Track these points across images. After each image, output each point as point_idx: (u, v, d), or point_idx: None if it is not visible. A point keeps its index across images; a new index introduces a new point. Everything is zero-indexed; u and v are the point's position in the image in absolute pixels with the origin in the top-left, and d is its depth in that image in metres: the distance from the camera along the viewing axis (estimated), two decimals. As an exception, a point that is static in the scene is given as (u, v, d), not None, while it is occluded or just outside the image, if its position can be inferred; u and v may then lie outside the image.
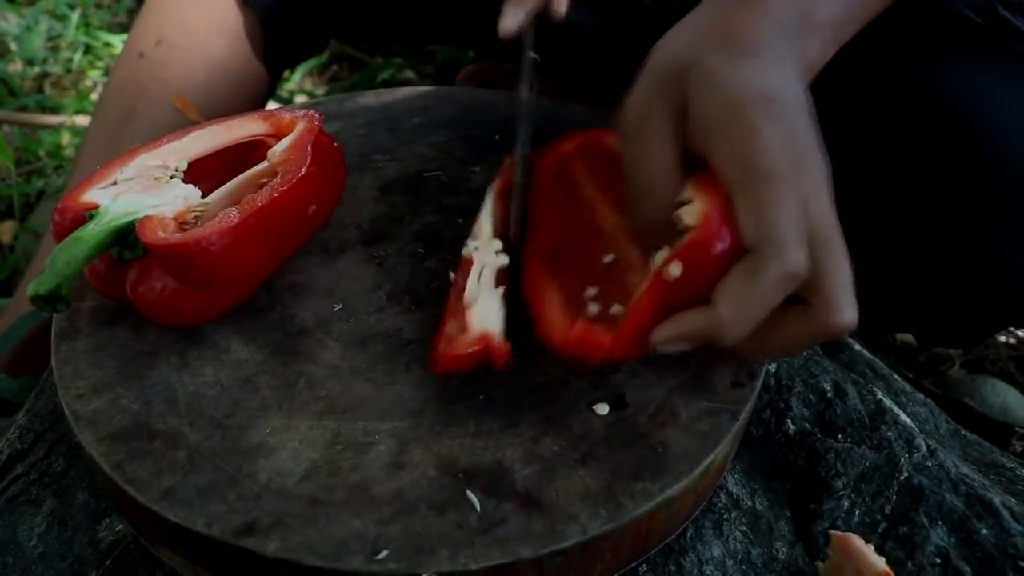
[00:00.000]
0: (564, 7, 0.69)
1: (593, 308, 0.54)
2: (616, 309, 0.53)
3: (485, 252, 0.57)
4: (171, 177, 0.58)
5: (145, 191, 0.56)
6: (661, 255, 0.49)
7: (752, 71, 0.49)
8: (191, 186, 0.58)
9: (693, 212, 0.49)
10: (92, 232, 0.53)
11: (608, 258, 0.57)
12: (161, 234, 0.53)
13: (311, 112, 0.62)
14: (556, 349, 0.53)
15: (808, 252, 0.47)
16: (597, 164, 0.63)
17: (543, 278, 0.57)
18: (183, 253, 0.52)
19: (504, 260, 0.57)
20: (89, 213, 0.54)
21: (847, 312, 0.47)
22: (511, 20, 0.67)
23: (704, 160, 0.49)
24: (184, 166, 0.59)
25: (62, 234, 0.54)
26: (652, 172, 0.51)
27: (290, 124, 0.62)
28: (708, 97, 0.49)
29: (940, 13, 0.73)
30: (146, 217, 0.54)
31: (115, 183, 0.57)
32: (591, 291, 0.55)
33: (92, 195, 0.56)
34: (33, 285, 0.51)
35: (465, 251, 0.58)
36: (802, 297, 0.48)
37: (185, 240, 0.52)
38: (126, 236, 0.54)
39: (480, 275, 0.56)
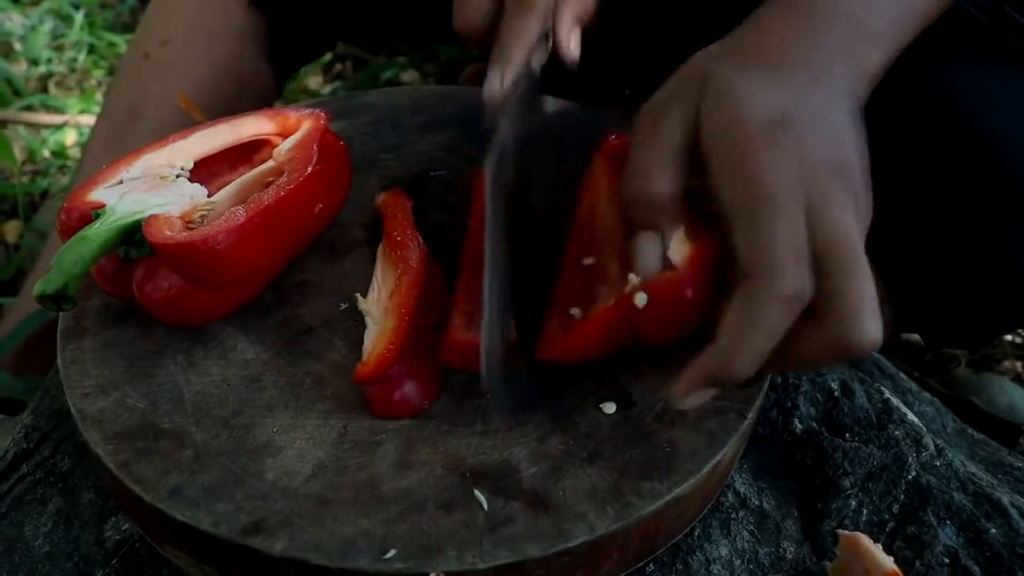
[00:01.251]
0: (576, 47, 0.64)
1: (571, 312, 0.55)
2: (575, 312, 0.54)
3: None
4: (177, 176, 0.58)
5: (151, 190, 0.56)
6: (635, 280, 0.50)
7: (770, 88, 0.48)
8: (197, 185, 0.58)
9: (680, 252, 0.50)
10: (98, 231, 0.53)
11: (588, 261, 0.58)
12: (167, 233, 0.53)
13: (317, 111, 0.62)
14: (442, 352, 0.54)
15: (810, 272, 0.45)
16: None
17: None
18: (189, 252, 0.52)
19: None
20: (95, 212, 0.54)
21: (865, 331, 0.45)
22: (495, 84, 0.61)
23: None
24: (190, 165, 0.59)
25: (68, 233, 0.54)
26: (657, 150, 0.50)
27: (296, 123, 0.62)
28: (715, 111, 0.48)
29: (947, 12, 0.73)
30: (152, 216, 0.54)
31: (121, 182, 0.57)
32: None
33: (98, 194, 0.56)
34: (40, 284, 0.51)
35: None
36: (818, 316, 0.46)
37: (191, 239, 0.52)
38: (132, 235, 0.54)
39: None
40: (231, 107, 0.94)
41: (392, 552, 0.45)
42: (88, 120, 1.39)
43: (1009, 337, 1.14)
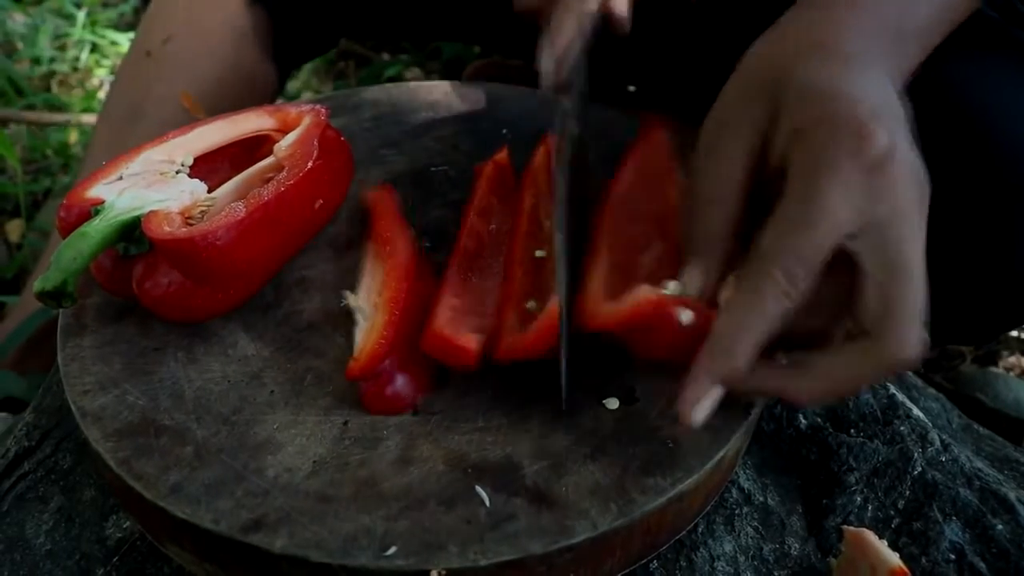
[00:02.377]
0: (626, 9, 0.64)
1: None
2: (531, 305, 0.55)
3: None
4: (177, 172, 0.58)
5: (150, 186, 0.56)
6: (675, 286, 0.50)
7: (851, 81, 0.48)
8: (197, 181, 0.58)
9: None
10: (97, 227, 0.53)
11: (540, 253, 0.58)
12: (167, 229, 0.53)
13: (317, 106, 0.62)
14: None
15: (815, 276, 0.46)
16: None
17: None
18: (189, 248, 0.52)
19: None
20: (94, 209, 0.54)
21: (914, 347, 0.46)
22: (551, 63, 0.61)
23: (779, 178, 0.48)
24: (190, 161, 0.59)
25: (67, 230, 0.54)
26: (718, 182, 0.50)
27: (296, 119, 0.62)
28: (803, 104, 0.48)
29: None
30: (152, 212, 0.54)
31: (120, 179, 0.56)
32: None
33: (97, 191, 0.55)
34: (39, 281, 0.51)
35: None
36: (864, 330, 0.47)
37: (191, 235, 0.52)
38: (132, 231, 0.54)
39: None
40: (234, 105, 0.94)
41: (393, 549, 0.45)
42: (91, 119, 1.39)
43: (1015, 333, 1.13)
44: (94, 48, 1.63)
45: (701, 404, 0.47)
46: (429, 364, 0.54)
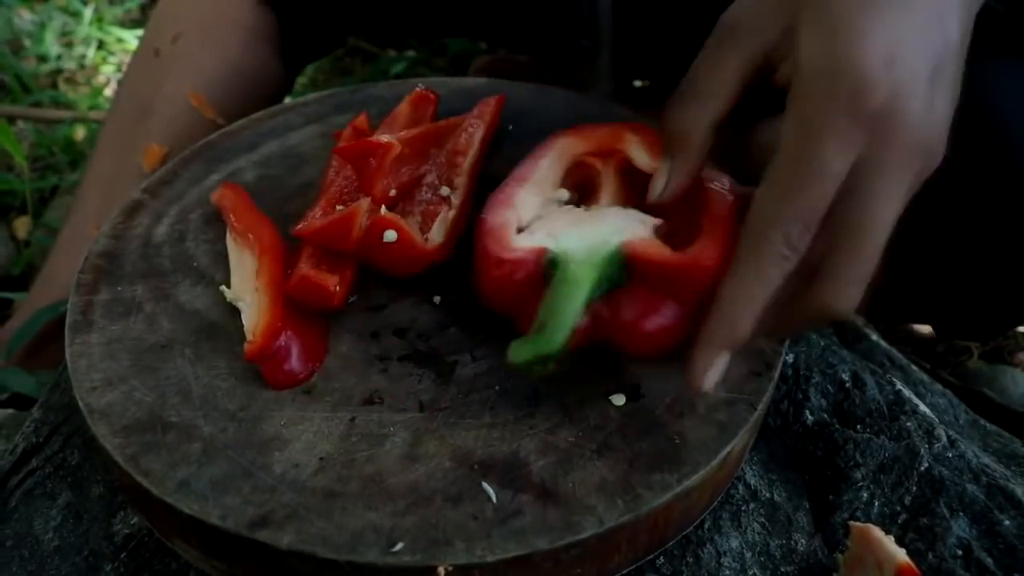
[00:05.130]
0: None
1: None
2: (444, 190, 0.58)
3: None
4: (566, 203, 0.56)
5: (574, 224, 0.52)
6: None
7: (873, 10, 0.45)
8: (619, 208, 0.54)
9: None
10: (581, 270, 0.48)
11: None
12: (667, 253, 0.49)
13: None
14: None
15: (813, 236, 0.45)
16: None
17: None
18: (703, 274, 0.49)
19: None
20: (549, 259, 0.50)
21: (848, 302, 0.46)
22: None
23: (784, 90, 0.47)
24: (565, 196, 0.57)
25: (517, 291, 0.50)
26: (707, 79, 0.49)
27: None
28: (812, 36, 0.46)
29: None
30: (628, 242, 0.50)
31: (522, 230, 0.53)
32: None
33: (521, 244, 0.51)
34: (542, 346, 0.47)
35: None
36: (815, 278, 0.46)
37: (697, 260, 0.49)
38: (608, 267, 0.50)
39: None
40: (242, 104, 0.94)
41: (400, 545, 0.45)
42: (97, 116, 1.39)
43: (1022, 328, 1.13)
44: (100, 45, 1.64)
45: (710, 372, 0.48)
46: (318, 335, 0.56)
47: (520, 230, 0.53)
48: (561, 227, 0.52)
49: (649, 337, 0.50)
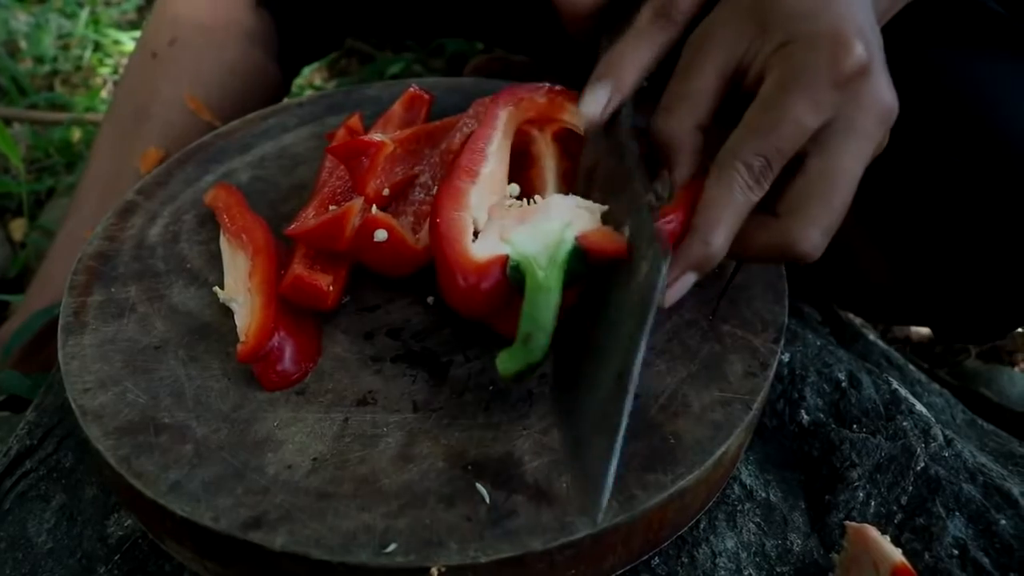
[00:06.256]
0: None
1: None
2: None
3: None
4: (517, 199, 0.56)
5: (523, 220, 0.52)
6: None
7: (842, 6, 0.50)
8: (560, 196, 0.54)
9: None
10: (550, 275, 0.48)
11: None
12: (618, 241, 0.50)
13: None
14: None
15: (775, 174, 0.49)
16: None
17: None
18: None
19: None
20: (510, 262, 0.50)
21: (811, 241, 0.49)
22: (597, 107, 0.55)
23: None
24: (516, 191, 0.57)
25: (485, 296, 0.50)
26: (690, 82, 0.52)
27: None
28: (788, 22, 0.50)
29: (963, 4, 0.72)
30: (583, 235, 0.50)
31: (478, 233, 0.53)
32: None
33: (482, 248, 0.51)
34: (522, 358, 0.47)
35: None
36: (779, 214, 0.50)
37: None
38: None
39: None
40: (239, 106, 0.94)
41: (393, 546, 0.45)
42: (94, 118, 1.39)
43: (1021, 329, 1.13)
44: (97, 47, 1.64)
45: (675, 286, 0.50)
46: (310, 335, 0.56)
47: (475, 231, 0.52)
48: (511, 227, 0.52)
49: None
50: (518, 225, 0.51)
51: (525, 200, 0.54)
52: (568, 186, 0.59)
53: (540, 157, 0.61)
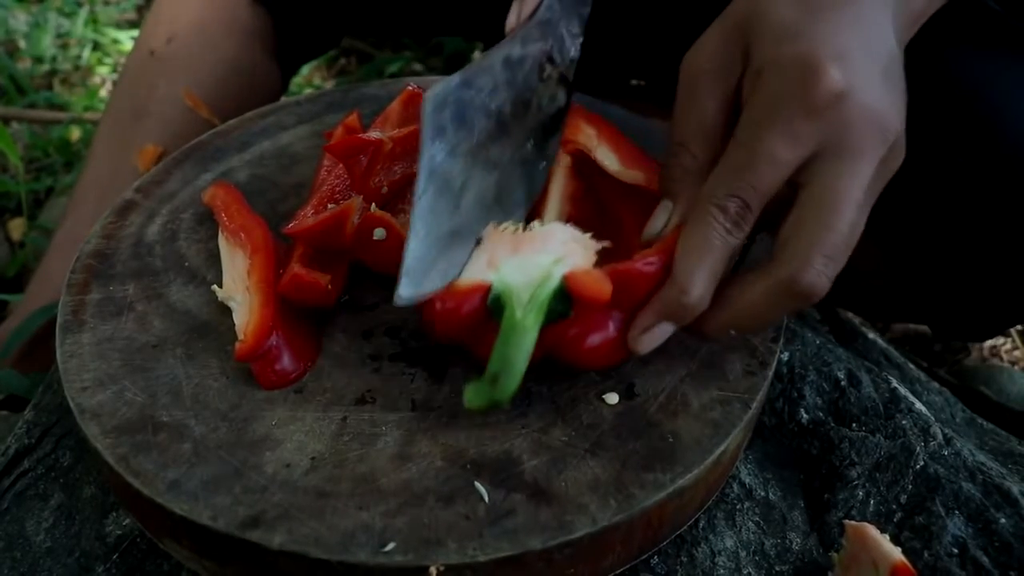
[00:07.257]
0: None
1: None
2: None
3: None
4: (514, 226, 0.53)
5: (516, 251, 0.51)
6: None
7: (818, 20, 0.48)
8: (561, 225, 0.52)
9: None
10: (529, 318, 0.47)
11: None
12: (606, 287, 0.48)
13: None
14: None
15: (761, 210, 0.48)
16: None
17: None
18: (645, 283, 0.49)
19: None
20: (492, 296, 0.49)
21: (815, 275, 0.47)
22: (512, 19, 0.60)
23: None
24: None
25: (456, 322, 0.49)
26: (689, 126, 0.51)
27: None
28: (765, 43, 0.48)
29: (964, 4, 0.72)
30: (570, 275, 0.49)
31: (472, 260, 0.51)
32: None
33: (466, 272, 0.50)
34: (490, 396, 0.47)
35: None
36: (773, 255, 0.48)
37: (634, 269, 0.49)
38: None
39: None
40: (237, 105, 0.94)
41: (392, 545, 0.45)
42: (93, 117, 1.39)
43: (1019, 327, 1.13)
44: (96, 46, 1.63)
45: (648, 335, 0.49)
46: (309, 335, 0.55)
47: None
48: (501, 255, 0.50)
49: (593, 351, 0.51)
50: (509, 254, 0.50)
51: (522, 225, 0.52)
52: (575, 209, 0.58)
53: (549, 176, 0.58)
